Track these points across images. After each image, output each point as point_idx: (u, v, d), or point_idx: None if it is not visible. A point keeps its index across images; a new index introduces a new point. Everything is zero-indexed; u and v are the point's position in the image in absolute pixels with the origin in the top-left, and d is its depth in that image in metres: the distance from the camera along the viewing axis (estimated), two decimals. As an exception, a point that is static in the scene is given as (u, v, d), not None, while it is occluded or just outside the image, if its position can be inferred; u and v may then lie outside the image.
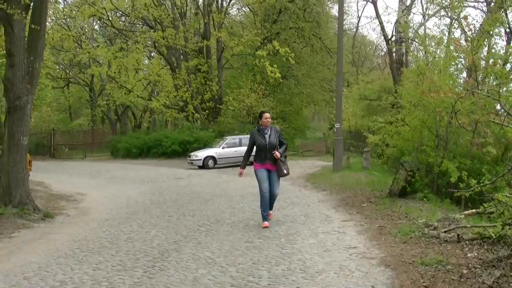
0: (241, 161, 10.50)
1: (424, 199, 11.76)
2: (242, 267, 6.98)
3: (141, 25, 39.16)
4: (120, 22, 37.50)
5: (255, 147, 10.08)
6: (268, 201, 9.90)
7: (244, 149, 26.88)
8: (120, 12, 36.38)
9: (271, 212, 10.28)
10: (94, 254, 8.06)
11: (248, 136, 29.71)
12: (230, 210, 12.14)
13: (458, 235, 7.64)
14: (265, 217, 9.90)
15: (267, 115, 10.16)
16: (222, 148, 26.67)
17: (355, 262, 7.03)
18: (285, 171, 9.97)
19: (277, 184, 10.13)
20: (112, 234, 9.67)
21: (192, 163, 26.26)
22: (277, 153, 9.79)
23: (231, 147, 26.59)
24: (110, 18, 34.74)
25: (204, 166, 25.80)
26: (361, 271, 6.59)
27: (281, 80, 34.02)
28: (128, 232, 9.79)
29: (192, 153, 27.17)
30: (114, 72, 35.41)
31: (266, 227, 9.68)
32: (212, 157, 26.28)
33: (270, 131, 9.99)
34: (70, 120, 52.17)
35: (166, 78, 35.78)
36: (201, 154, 26.45)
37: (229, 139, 27.63)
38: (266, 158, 9.87)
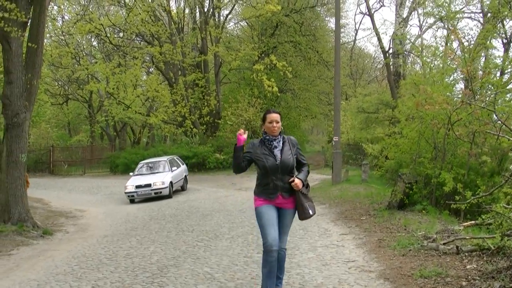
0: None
1: (423, 211, 11.76)
2: (241, 282, 6.97)
3: (139, 41, 39.30)
4: (118, 38, 37.59)
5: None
6: (276, 262, 5.74)
7: (180, 170, 23.89)
8: (118, 28, 36.48)
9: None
10: (93, 270, 8.05)
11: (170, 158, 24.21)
12: (229, 225, 12.12)
13: (457, 246, 7.63)
14: None
15: (273, 116, 5.92)
16: (172, 171, 22.01)
17: (354, 275, 7.02)
18: (310, 211, 5.92)
19: (287, 232, 6.08)
20: (111, 251, 9.66)
21: (157, 193, 20.18)
22: (297, 181, 5.79)
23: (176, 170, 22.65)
24: (108, 34, 34.86)
25: (170, 194, 20.56)
26: (360, 284, 6.58)
27: (278, 94, 34.17)
28: (127, 248, 9.78)
29: (150, 181, 20.39)
30: (113, 88, 35.48)
31: None
32: (171, 183, 21.13)
33: (283, 143, 5.97)
34: (69, 136, 52.16)
35: (164, 94, 35.80)
36: (166, 179, 20.72)
37: (169, 159, 23.46)
38: (276, 188, 5.82)
